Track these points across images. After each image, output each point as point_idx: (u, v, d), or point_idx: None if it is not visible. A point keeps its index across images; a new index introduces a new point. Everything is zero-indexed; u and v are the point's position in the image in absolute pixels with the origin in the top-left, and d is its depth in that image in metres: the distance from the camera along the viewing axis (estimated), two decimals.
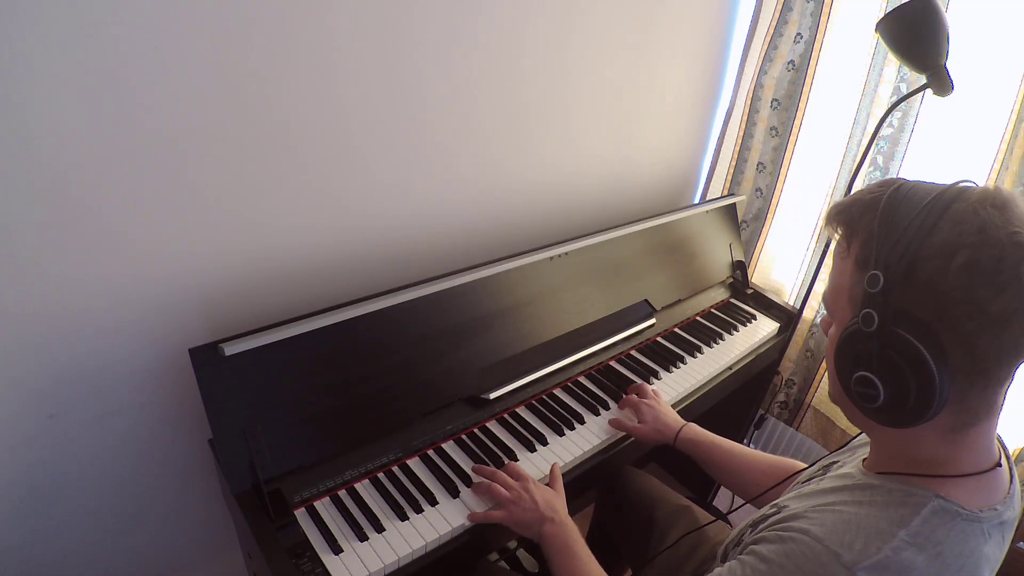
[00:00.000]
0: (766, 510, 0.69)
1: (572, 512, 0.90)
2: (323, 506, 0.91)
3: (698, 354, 1.40)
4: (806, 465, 0.97)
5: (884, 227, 0.56)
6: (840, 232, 0.62)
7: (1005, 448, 0.66)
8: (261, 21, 0.88)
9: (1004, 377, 0.55)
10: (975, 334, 0.52)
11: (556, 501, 0.91)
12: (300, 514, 0.89)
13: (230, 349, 0.84)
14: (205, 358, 0.86)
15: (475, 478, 0.98)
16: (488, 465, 1.01)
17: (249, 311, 1.06)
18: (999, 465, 0.61)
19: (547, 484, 0.97)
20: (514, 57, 1.23)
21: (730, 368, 1.39)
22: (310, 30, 0.93)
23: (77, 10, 0.73)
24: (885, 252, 0.55)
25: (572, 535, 0.86)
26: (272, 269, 1.07)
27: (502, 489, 0.92)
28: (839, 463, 0.74)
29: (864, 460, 0.67)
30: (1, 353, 0.83)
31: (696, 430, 1.08)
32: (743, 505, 0.98)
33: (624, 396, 1.20)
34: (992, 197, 0.54)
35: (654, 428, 1.10)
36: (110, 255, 0.88)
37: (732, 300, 1.67)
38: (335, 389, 0.97)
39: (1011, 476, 0.63)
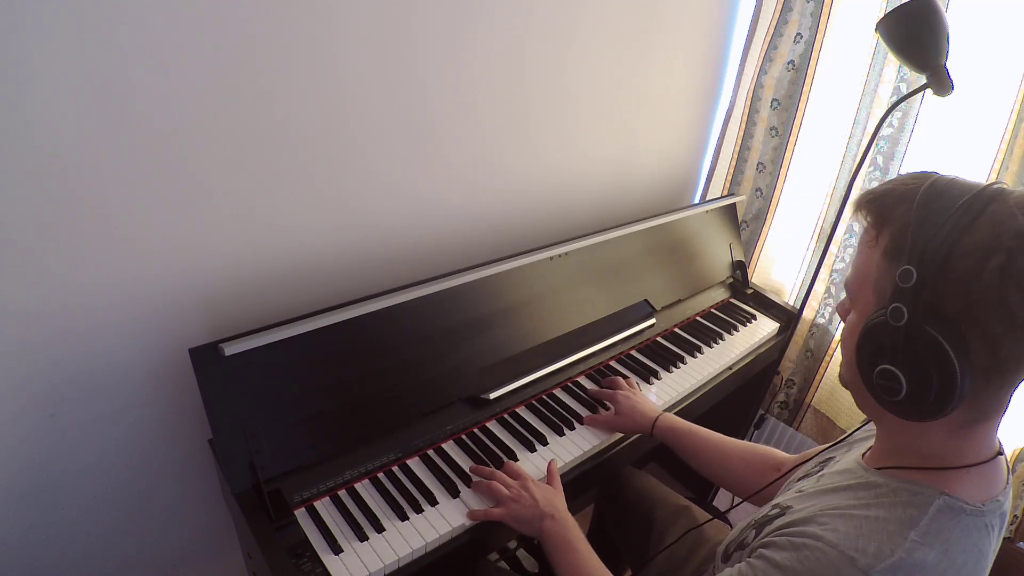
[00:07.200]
0: (768, 510, 0.69)
1: (572, 512, 0.90)
2: (323, 506, 0.91)
3: (698, 354, 1.40)
4: (786, 455, 0.97)
5: (919, 220, 0.55)
6: (869, 220, 0.61)
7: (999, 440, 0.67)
8: (262, 20, 0.88)
9: (1020, 380, 0.55)
10: (1002, 336, 0.52)
11: (555, 498, 0.92)
12: (300, 514, 0.89)
13: (230, 349, 0.85)
14: (205, 358, 0.86)
15: (474, 478, 0.99)
16: (488, 465, 1.01)
17: (249, 311, 1.06)
18: (1000, 454, 0.61)
19: (546, 483, 0.97)
20: (514, 57, 1.23)
21: (730, 368, 1.39)
22: (311, 30, 0.93)
23: (78, 8, 0.73)
24: (920, 247, 0.54)
25: (573, 531, 0.87)
26: (272, 269, 1.07)
27: (502, 487, 0.93)
28: (835, 459, 0.74)
29: (864, 454, 0.67)
30: (2, 352, 0.83)
31: (673, 419, 1.08)
32: (740, 503, 0.98)
33: (599, 388, 1.21)
34: None
35: (630, 418, 1.10)
36: (110, 254, 0.88)
37: (732, 300, 1.67)
38: (335, 389, 0.97)
39: (1008, 466, 0.64)
